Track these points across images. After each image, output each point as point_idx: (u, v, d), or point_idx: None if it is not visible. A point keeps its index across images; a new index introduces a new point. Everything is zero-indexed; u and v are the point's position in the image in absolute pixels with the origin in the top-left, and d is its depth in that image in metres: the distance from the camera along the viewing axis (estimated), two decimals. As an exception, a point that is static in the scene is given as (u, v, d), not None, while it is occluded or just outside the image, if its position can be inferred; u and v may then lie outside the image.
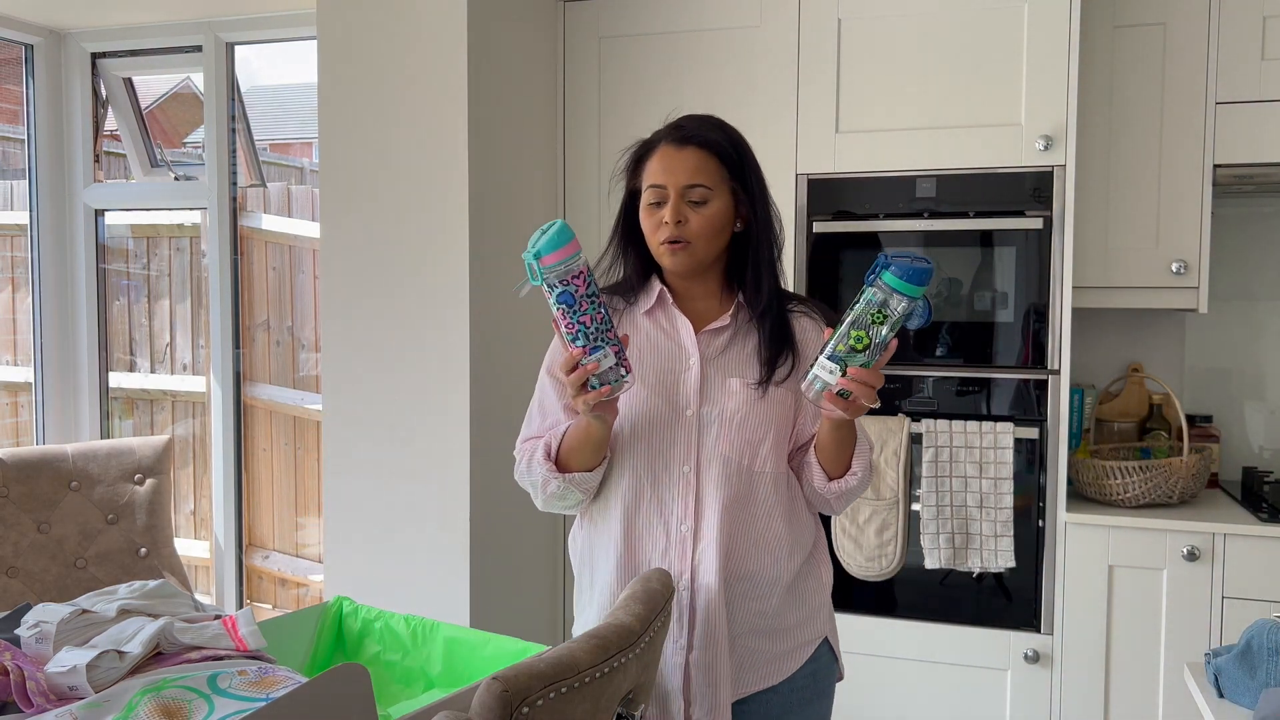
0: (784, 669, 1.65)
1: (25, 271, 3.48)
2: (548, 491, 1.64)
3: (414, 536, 2.60)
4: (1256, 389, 2.96)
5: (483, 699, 1.14)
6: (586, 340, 1.47)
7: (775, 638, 1.65)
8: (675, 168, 1.59)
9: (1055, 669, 2.54)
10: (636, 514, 1.63)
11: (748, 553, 1.62)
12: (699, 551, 1.60)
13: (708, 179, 1.59)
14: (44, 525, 2.90)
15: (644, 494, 1.63)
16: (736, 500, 1.61)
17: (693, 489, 1.61)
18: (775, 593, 1.64)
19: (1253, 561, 2.41)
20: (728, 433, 1.60)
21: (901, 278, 1.42)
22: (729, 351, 1.65)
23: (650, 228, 1.62)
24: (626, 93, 2.85)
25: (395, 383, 2.59)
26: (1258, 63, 2.56)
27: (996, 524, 2.53)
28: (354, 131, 2.59)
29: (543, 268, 1.45)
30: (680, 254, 1.60)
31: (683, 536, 1.61)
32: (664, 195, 1.60)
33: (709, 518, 1.60)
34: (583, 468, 1.61)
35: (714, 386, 1.62)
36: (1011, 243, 2.54)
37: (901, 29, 2.62)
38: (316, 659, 1.98)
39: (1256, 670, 1.63)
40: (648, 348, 1.66)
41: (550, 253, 1.44)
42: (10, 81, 3.47)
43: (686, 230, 1.59)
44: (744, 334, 1.66)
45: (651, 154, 1.63)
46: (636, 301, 1.69)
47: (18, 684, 1.32)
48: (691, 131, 1.61)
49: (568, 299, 1.46)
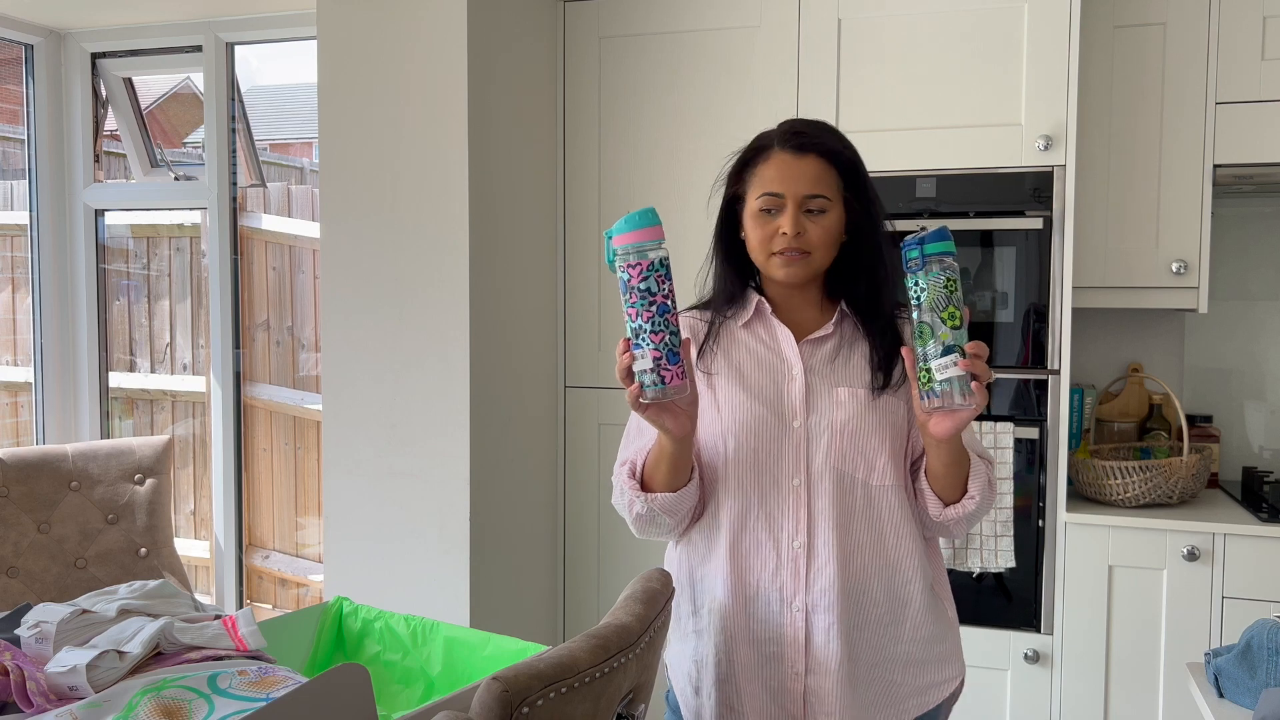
0: (920, 704, 1.57)
1: (25, 271, 3.48)
2: (634, 513, 1.55)
3: (414, 536, 2.60)
4: (1256, 389, 2.96)
5: (483, 699, 1.14)
6: (632, 334, 1.39)
7: (919, 670, 1.57)
8: (795, 176, 1.52)
9: (1055, 669, 2.54)
10: (744, 532, 1.54)
11: (873, 572, 1.53)
12: (814, 570, 1.52)
13: (827, 189, 1.53)
14: (44, 525, 2.90)
15: (751, 510, 1.54)
16: (854, 515, 1.52)
17: (804, 504, 1.52)
18: (909, 617, 1.55)
19: (1253, 561, 2.41)
20: (839, 444, 1.52)
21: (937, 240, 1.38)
22: (835, 361, 1.57)
23: (762, 237, 1.53)
24: (626, 93, 2.85)
25: (395, 383, 2.59)
26: (1258, 63, 2.56)
27: (996, 524, 2.53)
28: (354, 131, 2.59)
29: (612, 248, 1.38)
30: (798, 265, 1.53)
31: (795, 554, 1.53)
32: (779, 204, 1.52)
33: (823, 534, 1.51)
34: (665, 487, 1.52)
35: (820, 397, 1.54)
36: (1011, 243, 2.54)
37: (901, 29, 2.62)
38: (316, 659, 1.98)
39: (1256, 670, 1.63)
40: (748, 360, 1.58)
41: (620, 233, 1.37)
42: (10, 81, 3.47)
43: (805, 241, 1.52)
44: (850, 343, 1.58)
45: (762, 159, 1.55)
46: (735, 314, 1.62)
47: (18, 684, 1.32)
48: (812, 139, 1.54)
49: (623, 286, 1.38)
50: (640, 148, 2.84)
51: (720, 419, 1.55)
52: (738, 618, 1.55)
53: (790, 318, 1.60)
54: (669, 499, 1.52)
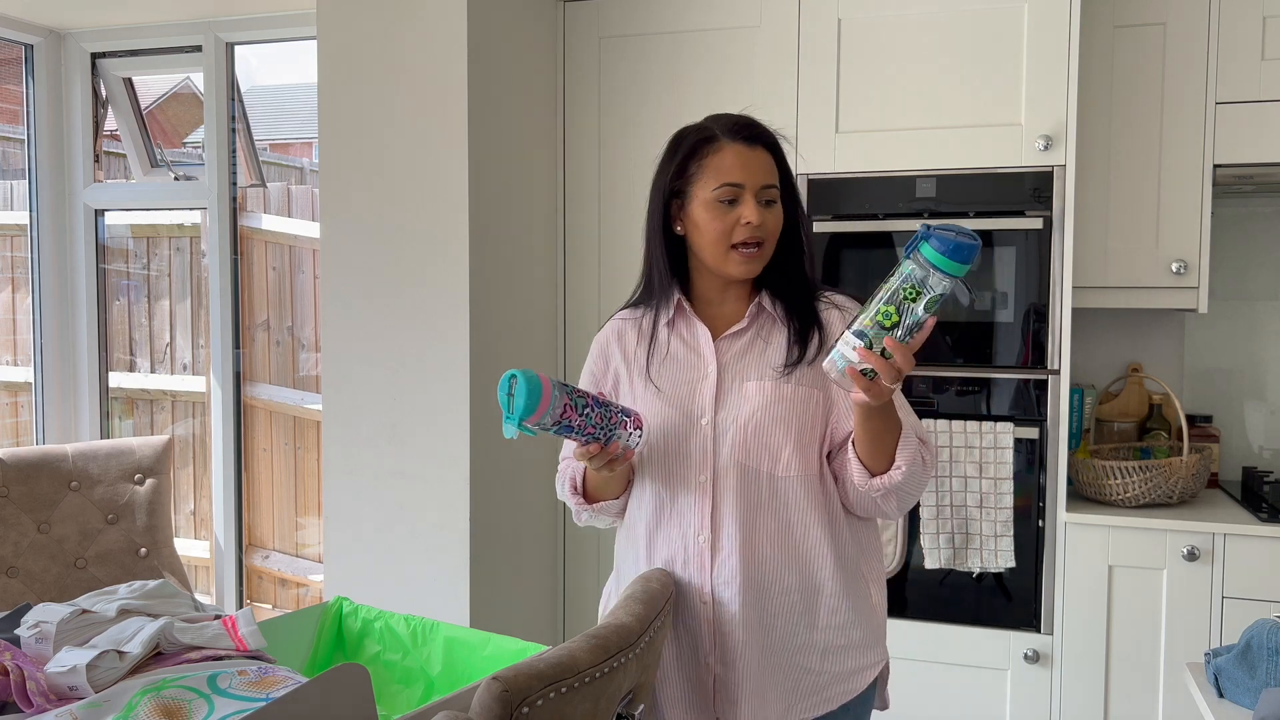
0: (845, 692, 1.58)
1: (25, 271, 3.48)
2: (581, 520, 1.70)
3: (414, 536, 2.60)
4: (1256, 389, 2.96)
5: (483, 699, 1.14)
6: (599, 436, 1.48)
7: (840, 656, 1.58)
8: (753, 166, 1.54)
9: (1055, 669, 2.54)
10: (657, 527, 1.61)
11: (782, 562, 1.55)
12: (718, 563, 1.55)
13: (776, 180, 1.57)
14: (44, 525, 2.90)
15: (664, 507, 1.60)
16: (760, 508, 1.55)
17: (709, 498, 1.56)
18: (822, 604, 1.57)
19: (1253, 561, 2.41)
20: (743, 438, 1.55)
21: (943, 253, 1.31)
22: (749, 354, 1.60)
23: (721, 229, 1.54)
24: (626, 93, 2.85)
25: (395, 383, 2.59)
26: (1258, 63, 2.56)
27: (996, 524, 2.53)
28: (354, 131, 2.59)
29: (534, 426, 1.43)
30: (756, 259, 1.56)
31: (700, 549, 1.56)
32: (738, 194, 1.53)
33: (727, 527, 1.55)
34: (611, 497, 1.65)
35: (730, 392, 1.57)
36: (1011, 243, 2.54)
37: (901, 29, 2.62)
38: (316, 659, 1.98)
39: (1256, 670, 1.63)
40: (669, 361, 1.62)
41: (533, 413, 1.40)
42: (10, 81, 3.47)
43: (763, 230, 1.54)
44: (766, 333, 1.61)
45: (712, 151, 1.55)
46: (661, 313, 1.64)
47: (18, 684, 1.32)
48: (760, 131, 1.57)
49: (568, 430, 1.45)
50: (640, 148, 2.84)
51: None
52: None
53: (717, 312, 1.63)
54: (615, 504, 1.66)
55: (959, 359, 2.59)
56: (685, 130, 1.62)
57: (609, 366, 1.69)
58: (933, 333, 1.40)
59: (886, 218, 2.62)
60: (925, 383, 2.61)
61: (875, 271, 2.64)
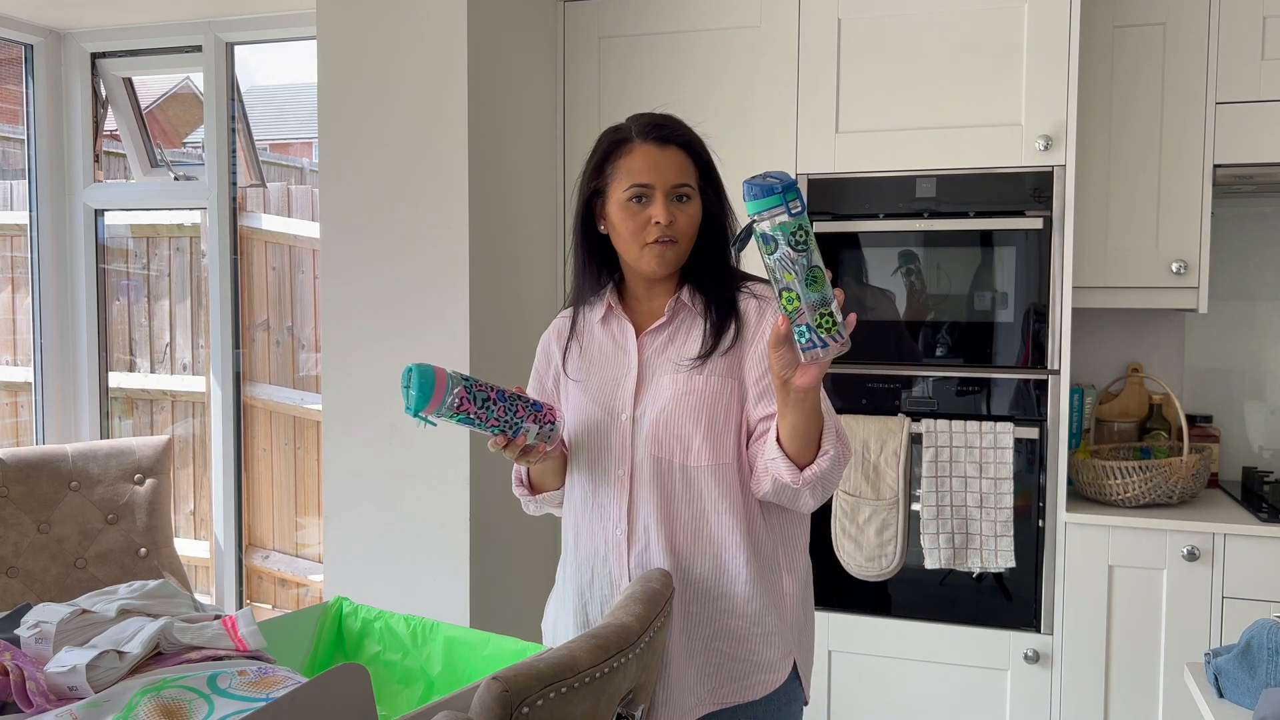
0: (768, 682, 1.60)
1: (25, 271, 3.48)
2: (530, 509, 1.80)
3: (414, 536, 2.60)
4: (1256, 389, 2.96)
5: (483, 699, 1.14)
6: (504, 429, 1.54)
7: (748, 645, 1.60)
8: (662, 166, 1.57)
9: (1055, 669, 2.54)
10: (582, 521, 1.67)
11: (697, 550, 1.59)
12: (634, 555, 1.61)
13: (690, 178, 1.59)
14: (44, 525, 2.90)
15: (587, 500, 1.66)
16: (673, 498, 1.59)
17: (626, 491, 1.61)
18: (738, 591, 1.59)
19: (1253, 561, 2.41)
20: (655, 430, 1.59)
21: (754, 198, 1.34)
22: (668, 348, 1.64)
23: (634, 228, 1.59)
24: (626, 93, 2.85)
25: (395, 383, 2.59)
26: (1258, 63, 2.56)
27: (996, 524, 2.53)
28: (354, 131, 2.59)
29: (434, 415, 1.49)
30: (670, 253, 1.59)
31: (617, 540, 1.62)
32: (648, 193, 1.57)
33: (641, 519, 1.60)
34: (552, 488, 1.73)
35: (649, 387, 1.62)
36: (1011, 243, 2.54)
37: (902, 29, 2.62)
38: (316, 659, 1.97)
39: (1256, 670, 1.63)
40: (599, 358, 1.68)
41: (427, 403, 1.47)
42: (10, 81, 3.47)
43: (675, 229, 1.58)
44: (686, 326, 1.64)
45: (624, 152, 1.60)
46: (593, 309, 1.70)
47: (18, 684, 1.32)
48: (673, 131, 1.60)
49: (466, 420, 1.52)
50: (640, 148, 2.83)
51: (567, 420, 1.69)
52: (582, 598, 1.68)
53: (645, 308, 1.68)
54: (555, 495, 1.74)
55: (959, 359, 2.59)
56: (606, 130, 1.66)
57: (550, 364, 1.75)
58: (931, 333, 1.39)
59: (886, 218, 2.62)
60: (925, 383, 2.61)
61: (875, 271, 2.64)
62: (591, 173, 1.64)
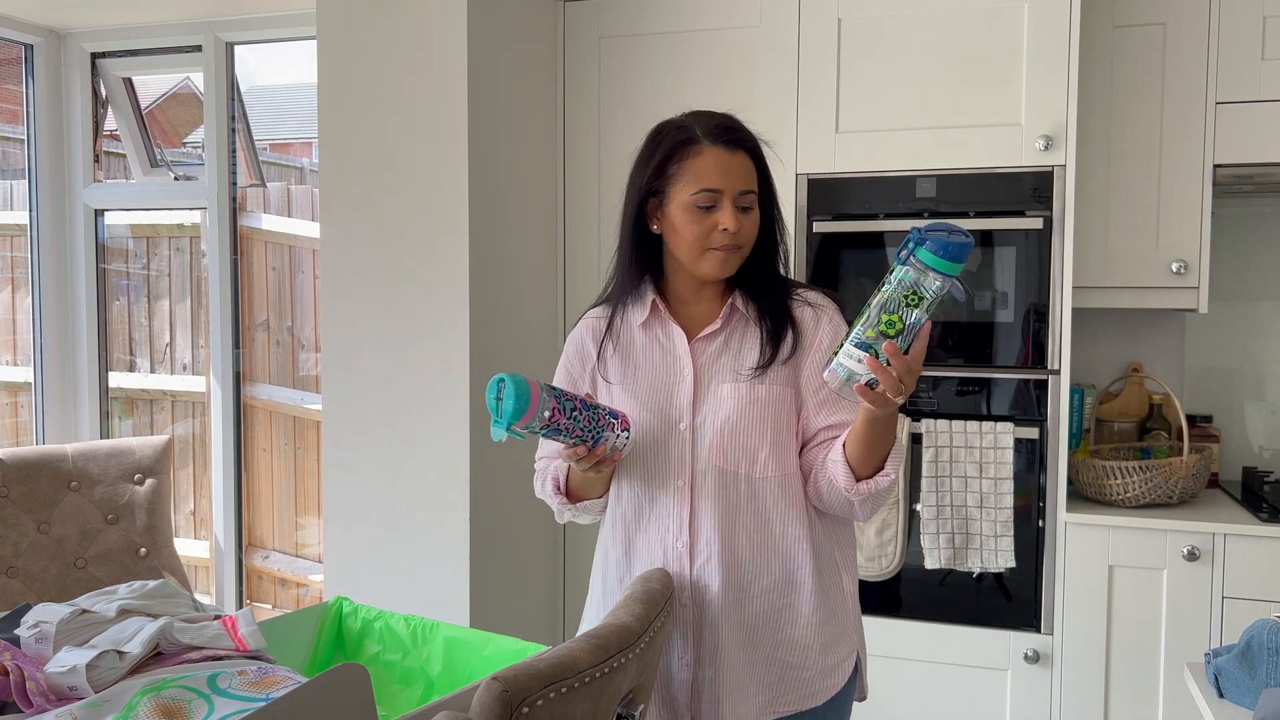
0: (829, 687, 1.59)
1: (25, 271, 3.48)
2: (563, 518, 1.70)
3: (414, 536, 2.59)
4: (1256, 389, 2.96)
5: (483, 699, 1.14)
6: (585, 439, 1.49)
7: (812, 653, 1.59)
8: (732, 172, 1.53)
9: (1055, 669, 2.54)
10: (635, 532, 1.62)
11: (762, 562, 1.56)
12: (696, 568, 1.56)
13: (754, 185, 1.56)
14: (44, 525, 2.90)
15: (642, 511, 1.61)
16: (738, 510, 1.56)
17: (687, 503, 1.57)
18: (803, 601, 1.57)
19: (1253, 561, 2.41)
20: (720, 441, 1.55)
21: (937, 254, 1.31)
22: (723, 355, 1.60)
23: (698, 233, 1.53)
24: (626, 93, 2.85)
25: (395, 383, 2.59)
26: (1258, 63, 2.56)
27: (996, 524, 2.53)
28: (354, 131, 2.59)
29: (522, 429, 1.44)
30: (733, 260, 1.55)
31: (679, 553, 1.58)
32: (716, 199, 1.53)
33: (705, 532, 1.56)
34: (595, 496, 1.65)
35: (707, 395, 1.58)
36: (1011, 243, 2.54)
37: (901, 29, 2.62)
38: (316, 659, 1.98)
39: (1256, 670, 1.63)
40: (644, 364, 1.63)
41: (522, 416, 1.42)
42: (10, 81, 3.47)
43: (740, 236, 1.54)
44: (740, 333, 1.60)
45: (692, 154, 1.54)
46: (634, 313, 1.64)
47: (18, 684, 1.32)
48: (741, 135, 1.56)
49: (555, 433, 1.47)
50: (640, 148, 2.83)
51: None
52: None
53: (690, 312, 1.63)
54: (596, 503, 1.67)
55: (959, 359, 2.59)
56: (665, 127, 1.60)
57: (585, 367, 1.69)
58: (932, 333, 1.39)
59: (886, 218, 2.62)
60: (925, 382, 2.61)
61: (875, 272, 2.64)
62: (653, 171, 1.57)
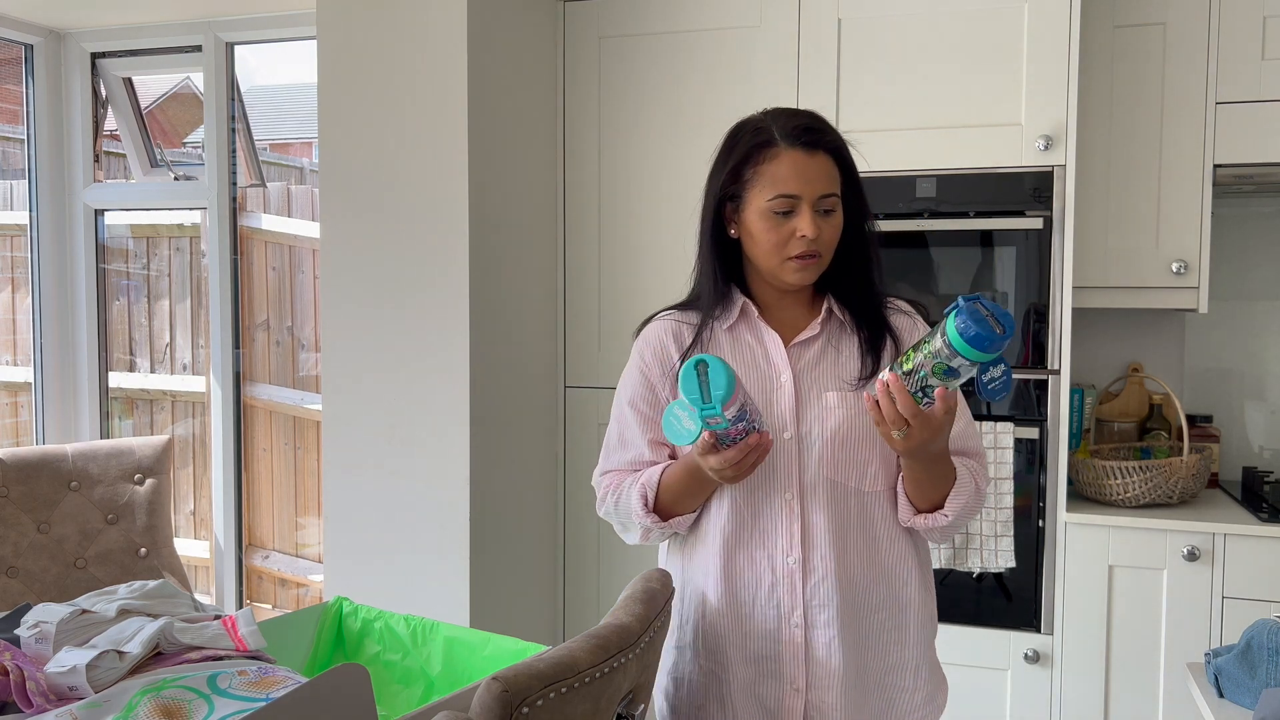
0: (935, 709, 1.55)
1: (25, 271, 3.48)
2: (649, 540, 1.56)
3: (414, 536, 2.59)
4: (1256, 389, 2.96)
5: (483, 699, 1.14)
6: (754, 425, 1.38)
7: (924, 675, 1.54)
8: (810, 176, 1.45)
9: (1055, 669, 2.54)
10: (737, 549, 1.50)
11: (872, 580, 1.50)
12: (810, 586, 1.48)
13: (836, 187, 1.48)
14: (44, 525, 2.90)
15: (744, 527, 1.50)
16: (849, 525, 1.48)
17: (797, 518, 1.48)
18: (911, 620, 1.52)
19: (1253, 561, 2.40)
20: (831, 452, 1.48)
21: (963, 335, 1.25)
22: (822, 362, 1.51)
23: (776, 240, 1.46)
24: (626, 93, 2.85)
25: (395, 383, 2.59)
26: (1258, 63, 2.56)
27: (996, 524, 2.53)
28: (354, 131, 2.59)
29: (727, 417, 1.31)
30: (812, 268, 1.48)
31: (790, 570, 1.48)
32: (794, 205, 1.45)
33: (819, 548, 1.47)
34: (690, 510, 1.52)
35: (810, 403, 1.49)
36: (1011, 243, 2.54)
37: (901, 29, 2.62)
38: (316, 659, 1.98)
39: (1256, 670, 1.63)
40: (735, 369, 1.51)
41: (730, 397, 1.30)
42: (10, 81, 3.47)
43: (819, 243, 1.46)
44: (836, 341, 1.53)
45: (769, 157, 1.46)
46: (720, 317, 1.55)
47: (18, 684, 1.32)
48: (822, 136, 1.47)
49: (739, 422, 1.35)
50: (640, 147, 2.84)
51: None
52: (732, 635, 1.52)
53: (778, 318, 1.55)
54: (688, 519, 1.53)
55: (959, 359, 2.59)
56: (742, 128, 1.52)
57: (666, 371, 1.57)
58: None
59: (887, 218, 2.62)
60: (925, 383, 2.61)
61: (875, 271, 2.63)
62: (728, 175, 1.50)
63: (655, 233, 2.82)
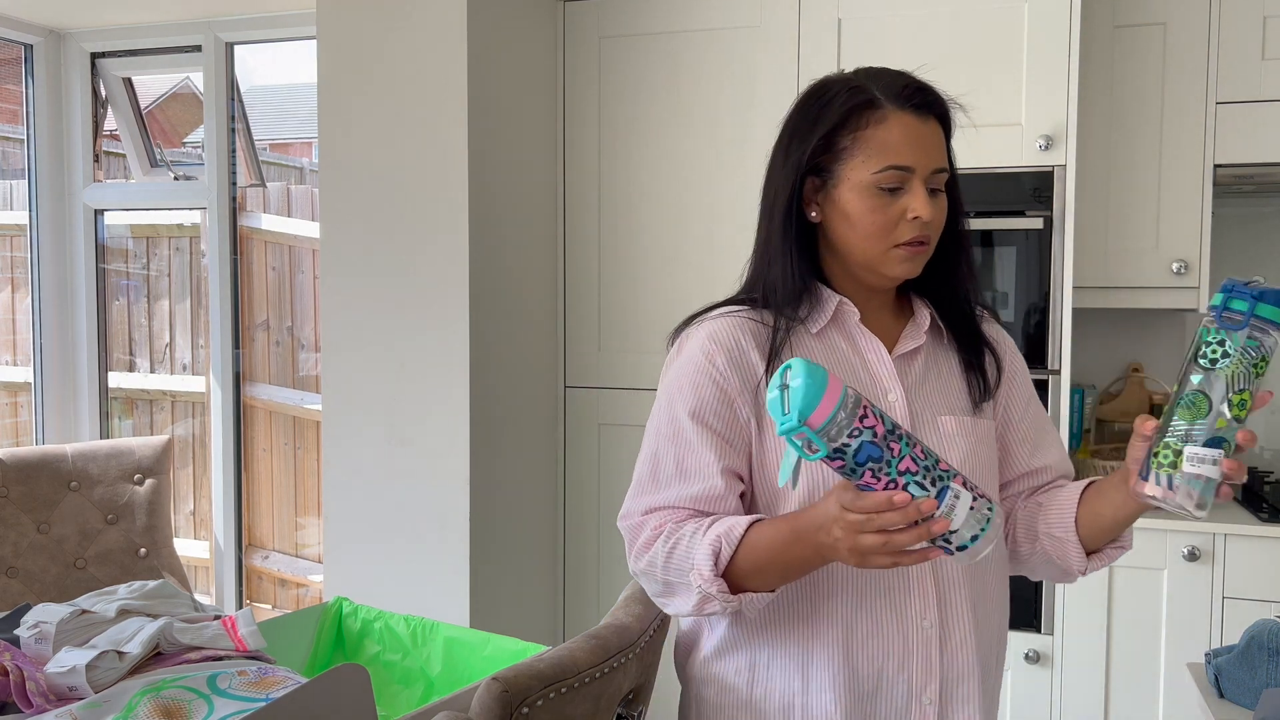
0: None
1: (25, 271, 3.48)
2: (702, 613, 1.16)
3: (414, 536, 2.59)
4: (1256, 389, 2.95)
5: (483, 699, 1.14)
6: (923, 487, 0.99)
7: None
8: (926, 145, 1.20)
9: (1055, 669, 2.54)
10: (859, 616, 1.19)
11: (998, 638, 1.28)
12: (949, 652, 1.21)
13: (947, 162, 1.24)
14: (44, 525, 2.90)
15: (867, 588, 1.19)
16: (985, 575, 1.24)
17: (928, 570, 1.19)
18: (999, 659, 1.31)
19: (1253, 561, 2.40)
20: None
21: (1265, 299, 1.07)
22: (928, 379, 1.26)
23: (882, 222, 1.19)
24: (626, 93, 2.85)
25: (395, 383, 2.59)
26: (1258, 63, 2.56)
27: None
28: (354, 131, 2.59)
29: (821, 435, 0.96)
30: (921, 258, 1.22)
31: (926, 636, 1.20)
32: (907, 180, 1.19)
33: (956, 605, 1.21)
34: (765, 589, 1.15)
35: (925, 429, 1.23)
36: (1012, 243, 2.54)
37: (901, 29, 2.62)
38: (316, 659, 1.98)
39: (1256, 670, 1.63)
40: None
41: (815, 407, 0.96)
42: (10, 81, 3.47)
43: (933, 226, 1.21)
44: (934, 355, 1.28)
45: (874, 121, 1.19)
46: (806, 318, 1.25)
47: (18, 684, 1.32)
48: (933, 98, 1.25)
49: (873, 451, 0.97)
50: (640, 148, 2.84)
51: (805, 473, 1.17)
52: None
53: (871, 323, 1.27)
54: (761, 600, 1.15)
55: (959, 359, 2.59)
56: (831, 85, 1.24)
57: (746, 382, 1.22)
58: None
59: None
60: (925, 383, 2.61)
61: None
62: (820, 144, 1.20)
63: (655, 233, 2.82)
